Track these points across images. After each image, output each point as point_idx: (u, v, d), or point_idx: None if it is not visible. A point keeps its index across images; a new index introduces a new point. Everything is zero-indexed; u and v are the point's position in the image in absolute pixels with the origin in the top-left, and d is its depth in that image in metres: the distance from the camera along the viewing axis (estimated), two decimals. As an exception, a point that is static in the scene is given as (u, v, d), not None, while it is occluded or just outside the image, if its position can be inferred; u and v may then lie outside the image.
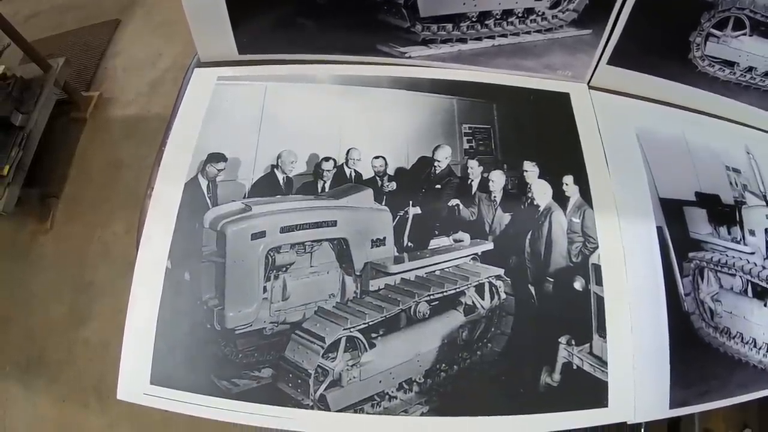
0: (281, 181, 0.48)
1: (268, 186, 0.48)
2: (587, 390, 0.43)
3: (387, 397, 0.41)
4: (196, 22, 0.53)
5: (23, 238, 1.43)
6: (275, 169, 0.48)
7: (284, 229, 0.45)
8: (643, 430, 0.48)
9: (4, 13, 1.28)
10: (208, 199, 0.48)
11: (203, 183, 0.48)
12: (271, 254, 0.45)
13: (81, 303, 1.38)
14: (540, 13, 0.52)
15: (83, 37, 1.65)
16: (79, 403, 1.30)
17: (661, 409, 0.44)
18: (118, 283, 1.38)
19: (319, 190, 0.48)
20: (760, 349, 0.48)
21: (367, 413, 0.41)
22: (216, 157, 0.49)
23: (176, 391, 0.42)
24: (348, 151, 0.49)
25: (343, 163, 0.49)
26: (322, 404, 0.41)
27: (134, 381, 0.43)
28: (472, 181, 0.49)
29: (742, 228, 0.52)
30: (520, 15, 0.52)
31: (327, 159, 0.49)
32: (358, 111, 0.52)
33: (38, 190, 1.43)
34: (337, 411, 0.41)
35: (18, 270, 1.40)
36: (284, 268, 0.45)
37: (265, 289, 0.44)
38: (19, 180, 1.33)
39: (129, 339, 0.45)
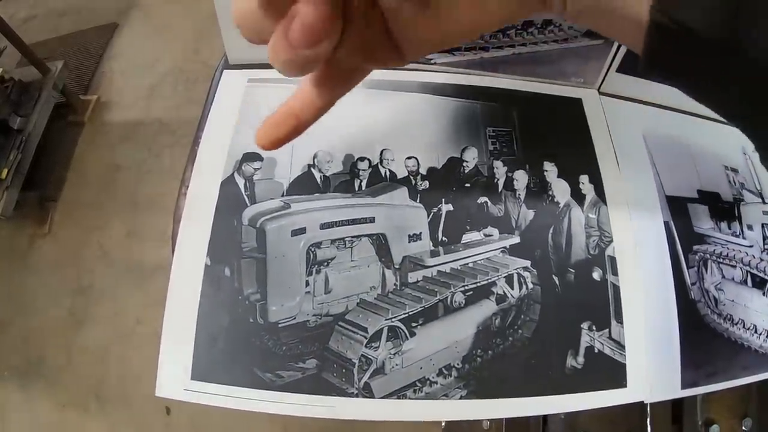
0: (318, 180, 0.50)
1: (306, 184, 0.50)
2: (608, 371, 0.46)
3: (428, 382, 0.44)
4: (226, 24, 0.54)
5: (21, 242, 1.42)
6: (312, 168, 0.51)
7: (324, 226, 0.47)
8: (648, 420, 0.51)
9: (1, 15, 1.28)
10: (245, 197, 0.49)
11: (240, 182, 0.50)
12: (312, 249, 0.47)
13: (80, 307, 1.38)
14: (557, 25, 0.55)
15: (81, 40, 1.64)
16: (79, 407, 1.29)
17: (673, 389, 0.47)
18: (117, 287, 1.38)
19: (356, 188, 0.51)
20: (760, 334, 0.51)
21: (410, 398, 0.43)
22: (252, 157, 0.51)
23: (218, 385, 0.43)
24: (382, 152, 0.52)
25: (377, 163, 0.51)
26: (367, 392, 0.43)
27: (174, 377, 0.43)
28: (498, 180, 0.52)
29: (741, 223, 0.56)
30: (538, 26, 0.55)
31: (362, 159, 0.51)
32: (389, 113, 0.54)
33: (36, 194, 1.42)
34: (381, 397, 0.43)
35: (16, 274, 1.39)
36: (326, 263, 0.47)
37: (307, 283, 0.46)
38: (18, 183, 1.32)
39: (167, 336, 0.45)
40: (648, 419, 0.51)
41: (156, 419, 1.25)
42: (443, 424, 0.55)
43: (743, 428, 0.52)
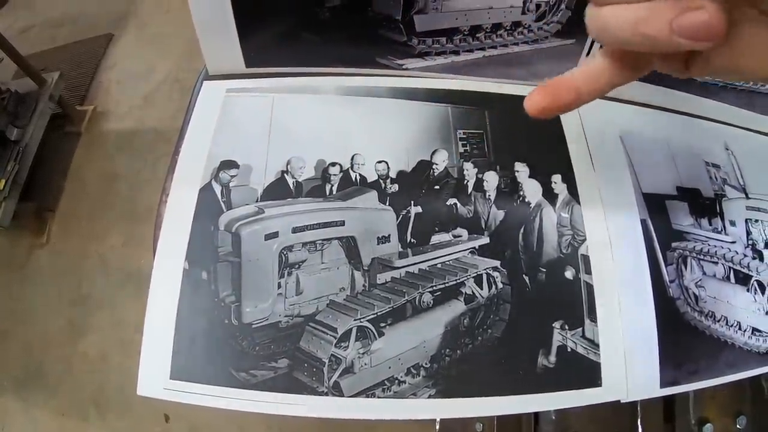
0: (291, 186, 0.51)
1: (279, 190, 0.51)
2: (582, 371, 0.46)
3: (396, 381, 0.45)
4: (205, 37, 0.56)
5: (19, 252, 1.44)
6: (285, 175, 0.52)
7: (296, 230, 0.48)
8: (639, 420, 0.51)
9: (-3, 27, 1.30)
10: (222, 203, 0.51)
11: (217, 188, 0.51)
12: (284, 253, 0.48)
13: (78, 316, 1.39)
14: (526, 26, 0.56)
15: (77, 51, 1.67)
16: (78, 416, 1.30)
17: (652, 389, 0.47)
18: (115, 296, 1.39)
19: (327, 193, 0.52)
20: (744, 331, 0.51)
21: (379, 397, 0.44)
22: (228, 164, 0.52)
23: (196, 384, 0.44)
24: (353, 157, 0.53)
25: (348, 168, 0.53)
26: (336, 390, 0.44)
27: (154, 377, 0.45)
28: (468, 181, 0.53)
29: (722, 219, 0.56)
30: (508, 28, 0.56)
31: (333, 164, 0.52)
32: (361, 119, 0.55)
33: (34, 204, 1.44)
34: (350, 396, 0.44)
35: (14, 284, 1.41)
36: (297, 265, 0.48)
37: (279, 285, 0.47)
38: (15, 194, 1.34)
39: (148, 337, 0.46)
40: (639, 419, 0.51)
41: (155, 427, 1.25)
42: (437, 426, 0.55)
43: (737, 426, 0.52)
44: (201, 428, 1.23)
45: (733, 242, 0.55)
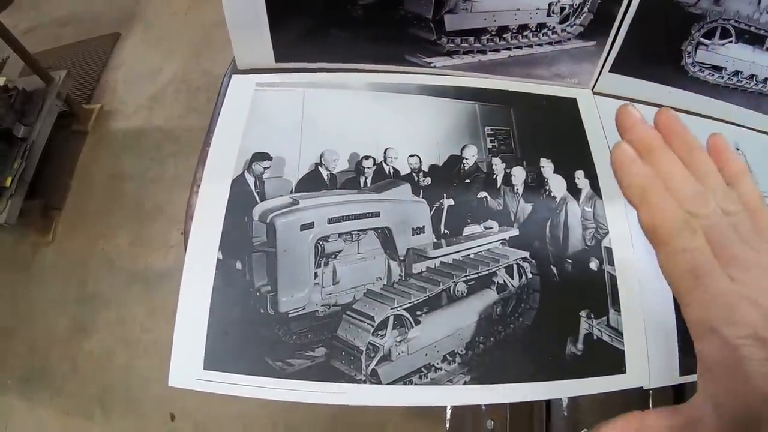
0: (326, 177, 0.52)
1: (313, 182, 0.52)
2: (607, 358, 0.48)
3: (433, 368, 0.46)
4: (236, 31, 0.57)
5: (25, 250, 1.43)
6: (319, 167, 0.53)
7: (331, 220, 0.49)
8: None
9: (5, 25, 1.30)
10: (256, 194, 0.51)
11: (250, 180, 0.52)
12: (320, 243, 0.49)
13: (84, 315, 1.38)
14: (551, 27, 0.58)
15: (84, 50, 1.67)
16: (83, 415, 1.29)
17: (672, 376, 0.49)
18: (121, 295, 1.39)
19: (361, 185, 0.53)
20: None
21: (416, 384, 0.45)
22: (261, 156, 0.53)
23: (230, 374, 0.44)
24: (385, 151, 0.54)
25: (381, 161, 0.54)
26: (374, 378, 0.45)
27: (186, 368, 0.45)
28: (497, 176, 0.55)
29: (735, 217, 0.58)
30: (533, 29, 0.58)
31: (367, 157, 0.53)
32: (392, 114, 0.57)
33: (40, 202, 1.44)
34: (388, 384, 0.45)
35: (20, 282, 1.40)
36: (333, 255, 0.49)
37: (316, 275, 0.48)
38: (22, 192, 1.34)
39: (180, 328, 0.46)
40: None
41: (161, 426, 1.25)
42: (447, 425, 0.56)
43: None
44: (207, 427, 1.23)
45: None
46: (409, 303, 0.47)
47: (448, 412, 0.57)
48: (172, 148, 1.51)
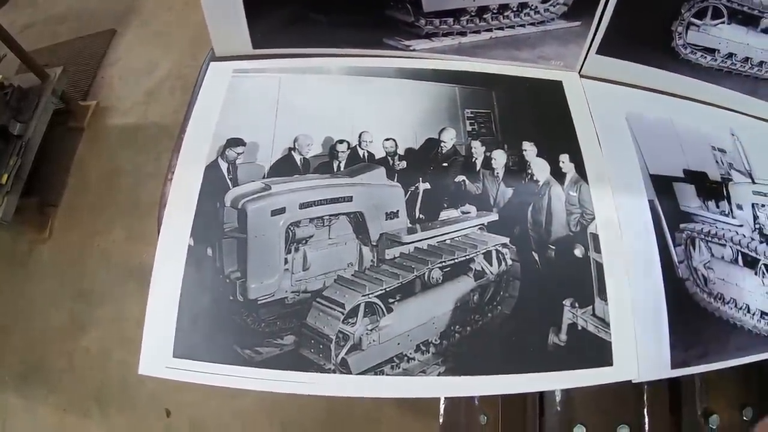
0: (299, 162, 0.51)
1: (286, 167, 0.51)
2: (593, 349, 0.46)
3: (405, 358, 0.44)
4: (213, 18, 0.56)
5: (22, 247, 1.43)
6: (292, 152, 0.52)
7: (303, 205, 0.48)
8: (645, 411, 0.50)
9: (0, 23, 1.31)
10: (228, 180, 0.50)
11: (223, 166, 0.51)
12: (291, 228, 0.48)
13: (80, 311, 1.38)
14: (533, 7, 0.56)
15: (79, 47, 1.67)
16: (79, 412, 1.29)
17: (663, 369, 0.47)
18: (117, 291, 1.39)
19: (335, 169, 0.52)
20: (753, 314, 0.50)
21: (387, 374, 0.44)
22: (235, 142, 0.52)
23: (199, 362, 0.44)
24: (360, 134, 0.53)
25: (356, 145, 0.52)
26: (344, 368, 0.43)
27: (156, 356, 0.44)
28: (476, 159, 0.53)
29: (729, 202, 0.55)
30: (514, 9, 0.56)
31: (341, 141, 0.52)
32: (368, 98, 0.55)
33: (36, 199, 1.44)
34: (358, 374, 0.43)
35: (16, 279, 1.40)
36: (304, 241, 0.48)
37: (286, 261, 0.47)
38: (18, 189, 1.34)
39: (151, 316, 0.46)
40: (645, 409, 0.50)
41: (156, 422, 1.24)
42: (441, 419, 0.55)
43: (744, 418, 0.51)
44: (202, 422, 1.22)
45: (741, 225, 0.55)
46: (381, 290, 0.45)
47: (442, 407, 0.55)
48: (169, 144, 1.50)
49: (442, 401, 0.55)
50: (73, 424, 1.26)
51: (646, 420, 0.50)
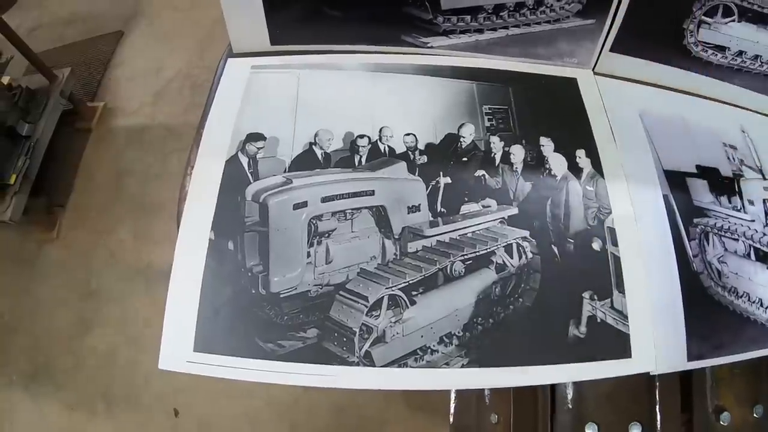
0: (320, 157, 0.52)
1: (307, 161, 0.51)
2: (612, 341, 0.46)
3: (429, 350, 0.44)
4: (231, 14, 0.56)
5: (29, 247, 1.43)
6: (313, 146, 0.52)
7: (325, 199, 0.48)
8: (657, 408, 0.51)
9: (9, 25, 1.31)
10: (249, 174, 0.51)
11: (244, 160, 0.52)
12: (314, 222, 0.48)
13: (88, 310, 1.38)
14: (548, 5, 0.56)
15: (87, 48, 1.67)
16: (87, 410, 1.29)
17: (680, 361, 0.47)
18: (124, 291, 1.39)
19: (356, 164, 0.52)
20: (767, 308, 0.51)
21: (411, 367, 0.44)
22: (255, 137, 0.52)
23: (221, 356, 0.43)
24: (381, 129, 0.53)
25: (377, 140, 0.53)
26: (368, 360, 0.43)
27: (177, 350, 0.44)
28: (495, 154, 0.53)
29: (741, 198, 0.56)
30: (530, 7, 0.57)
31: (362, 136, 0.53)
32: (388, 94, 0.56)
33: (44, 200, 1.44)
34: (382, 366, 0.43)
35: (24, 278, 1.40)
36: (326, 234, 0.48)
37: (308, 255, 0.47)
38: (26, 189, 1.34)
39: (171, 310, 0.46)
40: (657, 407, 0.50)
41: (164, 421, 1.24)
42: (451, 419, 0.55)
43: (755, 415, 0.51)
44: (211, 422, 1.22)
45: (753, 221, 0.55)
46: (405, 283, 0.46)
47: (452, 406, 0.55)
48: (176, 144, 1.51)
49: (452, 401, 0.55)
50: (80, 422, 1.26)
51: (658, 417, 0.50)
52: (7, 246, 1.44)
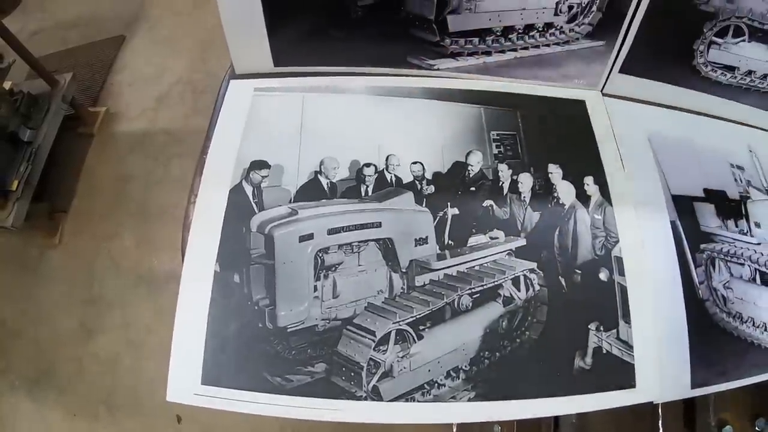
0: (325, 186, 0.51)
1: (313, 191, 0.51)
2: (617, 372, 0.46)
3: (436, 385, 0.44)
4: (233, 36, 0.56)
5: (32, 253, 1.43)
6: (319, 175, 0.51)
7: (331, 231, 0.48)
8: (660, 423, 0.51)
9: (9, 29, 1.30)
10: (254, 204, 0.50)
11: (248, 189, 0.51)
12: (320, 255, 0.48)
13: (90, 316, 1.38)
14: (558, 27, 0.56)
15: (89, 53, 1.66)
16: (89, 417, 1.29)
17: (684, 389, 0.47)
18: (127, 297, 1.39)
19: (363, 194, 0.52)
20: (770, 332, 0.50)
21: (418, 401, 0.44)
22: (259, 164, 0.52)
23: (228, 389, 0.44)
24: (387, 158, 0.53)
25: (383, 169, 0.52)
26: (375, 395, 0.43)
27: (184, 382, 0.44)
28: (503, 183, 0.53)
29: (748, 221, 0.56)
30: (540, 29, 0.56)
31: (368, 165, 0.52)
32: (394, 120, 0.55)
33: (47, 205, 1.44)
34: (389, 400, 0.43)
35: (27, 284, 1.40)
36: (333, 268, 0.48)
37: (315, 288, 0.47)
38: (28, 195, 1.33)
39: (178, 342, 0.46)
40: (660, 421, 0.50)
41: (166, 428, 1.25)
42: (454, 428, 0.55)
43: (756, 429, 0.51)
44: (214, 429, 1.22)
45: (759, 244, 0.55)
46: (412, 317, 0.45)
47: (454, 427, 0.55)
48: (178, 150, 1.50)
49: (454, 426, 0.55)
50: (82, 428, 1.26)
51: (661, 432, 0.50)
52: (9, 252, 1.44)
